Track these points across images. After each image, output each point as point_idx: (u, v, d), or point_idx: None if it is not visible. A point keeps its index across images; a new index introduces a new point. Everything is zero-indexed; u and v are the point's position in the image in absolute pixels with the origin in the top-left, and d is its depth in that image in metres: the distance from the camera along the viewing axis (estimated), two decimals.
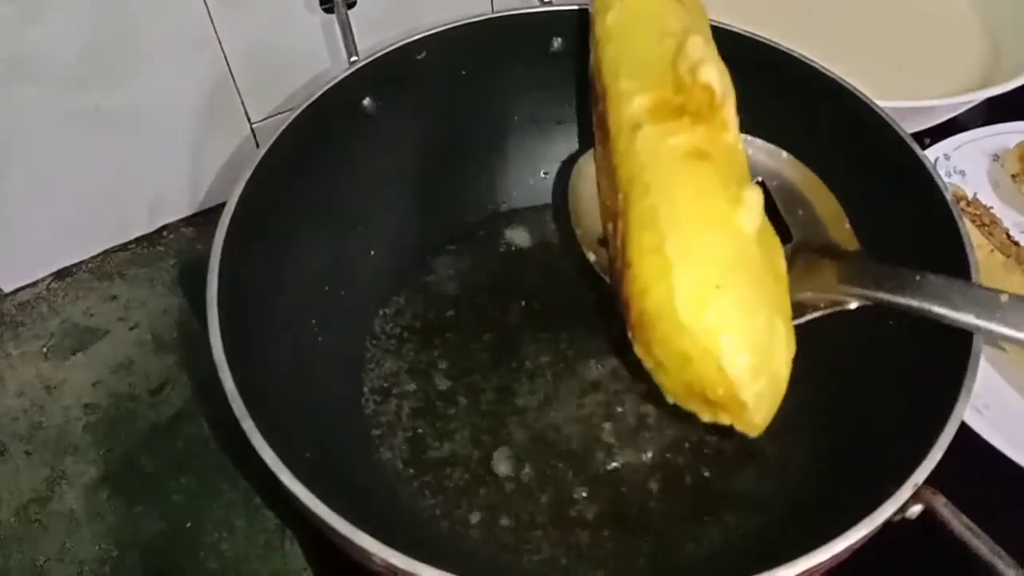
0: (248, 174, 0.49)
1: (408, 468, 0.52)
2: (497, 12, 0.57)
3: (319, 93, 0.53)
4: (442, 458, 0.52)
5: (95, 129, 0.60)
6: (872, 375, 0.50)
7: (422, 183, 0.61)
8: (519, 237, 0.63)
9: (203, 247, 0.48)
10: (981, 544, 0.37)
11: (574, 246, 0.56)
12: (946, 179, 0.64)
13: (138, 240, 0.68)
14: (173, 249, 0.67)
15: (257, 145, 0.63)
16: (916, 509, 0.39)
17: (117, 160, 0.62)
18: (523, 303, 0.60)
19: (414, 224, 0.61)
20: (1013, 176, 0.64)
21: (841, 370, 0.52)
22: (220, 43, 0.61)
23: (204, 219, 0.69)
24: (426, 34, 0.55)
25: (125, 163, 0.63)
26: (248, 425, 0.40)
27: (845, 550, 0.37)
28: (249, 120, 0.66)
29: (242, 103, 0.65)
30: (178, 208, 0.68)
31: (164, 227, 0.68)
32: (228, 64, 0.62)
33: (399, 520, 0.49)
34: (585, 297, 0.60)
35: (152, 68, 0.59)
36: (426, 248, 0.62)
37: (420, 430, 0.54)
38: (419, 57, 0.56)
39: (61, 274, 0.65)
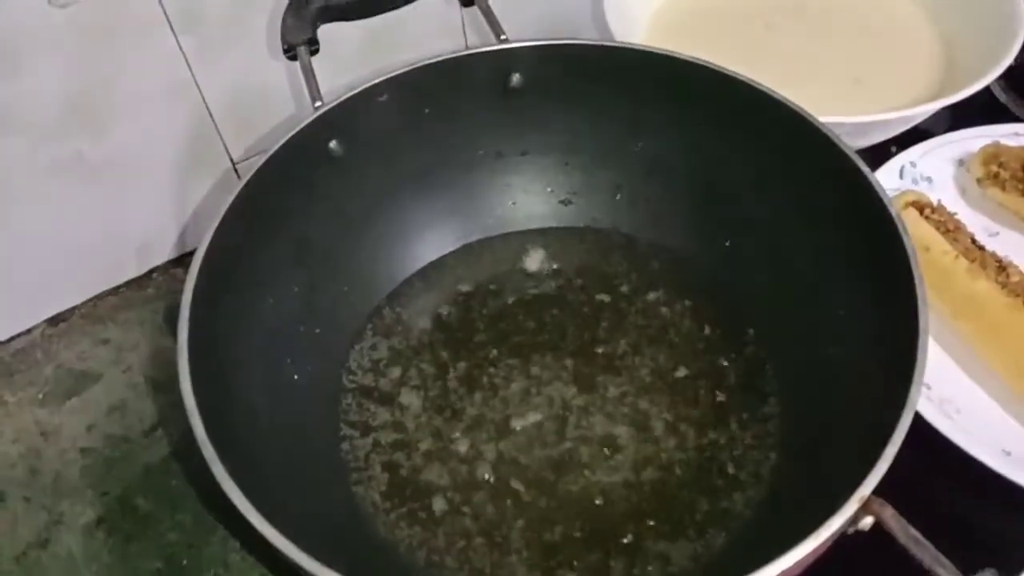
0: (217, 221, 0.51)
1: (385, 500, 0.53)
2: (454, 53, 0.58)
3: (284, 139, 0.54)
4: (418, 489, 0.53)
5: (79, 177, 0.61)
6: (832, 392, 0.51)
7: (392, 220, 0.62)
8: (490, 267, 0.64)
9: None
10: (925, 554, 0.38)
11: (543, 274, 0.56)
12: (913, 186, 0.65)
13: (128, 284, 0.69)
14: (162, 291, 0.68)
15: None
16: (868, 521, 0.39)
17: (104, 206, 0.63)
18: (494, 331, 0.61)
19: (385, 259, 0.62)
20: (978, 180, 0.64)
21: (805, 385, 0.54)
22: (199, 88, 0.62)
23: (192, 260, 0.70)
24: (386, 77, 0.56)
25: (112, 209, 0.64)
26: (218, 469, 0.41)
27: (795, 565, 0.38)
28: (232, 161, 0.67)
29: (224, 145, 0.66)
30: (166, 250, 0.69)
31: (153, 270, 0.69)
32: (208, 108, 0.63)
33: (376, 553, 0.50)
34: (554, 323, 0.61)
35: (133, 114, 0.60)
36: (398, 282, 0.63)
37: (397, 462, 0.55)
38: (381, 99, 0.57)
39: (54, 320, 0.67)
